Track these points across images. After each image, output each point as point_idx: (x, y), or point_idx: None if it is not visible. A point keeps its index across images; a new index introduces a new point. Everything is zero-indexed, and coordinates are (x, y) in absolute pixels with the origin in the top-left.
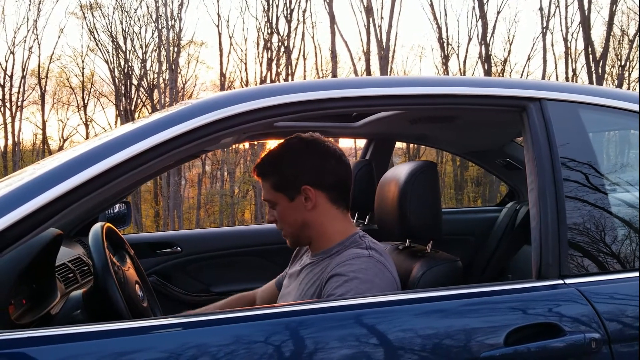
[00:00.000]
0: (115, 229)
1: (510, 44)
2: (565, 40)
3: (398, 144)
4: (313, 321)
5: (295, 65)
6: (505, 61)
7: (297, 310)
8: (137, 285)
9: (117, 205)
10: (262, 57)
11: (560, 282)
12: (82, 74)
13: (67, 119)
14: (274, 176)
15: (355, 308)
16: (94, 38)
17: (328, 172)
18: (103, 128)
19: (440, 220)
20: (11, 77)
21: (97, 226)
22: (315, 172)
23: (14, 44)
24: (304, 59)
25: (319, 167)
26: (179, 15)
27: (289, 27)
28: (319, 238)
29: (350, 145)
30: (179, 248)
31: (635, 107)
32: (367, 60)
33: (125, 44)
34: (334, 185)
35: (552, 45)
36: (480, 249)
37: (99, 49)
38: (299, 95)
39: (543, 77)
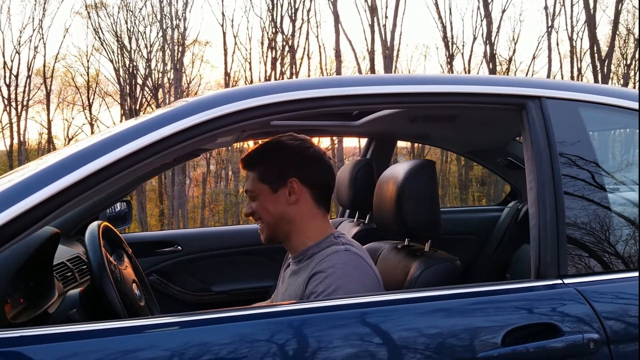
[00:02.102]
0: (112, 227)
1: (515, 43)
2: (571, 39)
3: (402, 143)
4: (315, 320)
5: (300, 65)
6: (510, 60)
7: (299, 309)
8: (134, 284)
9: (117, 205)
10: (267, 56)
11: (559, 281)
12: (87, 73)
13: (72, 118)
14: (262, 166)
15: (357, 307)
16: (99, 37)
17: (316, 170)
18: (108, 127)
19: (439, 219)
20: (17, 76)
21: (93, 225)
22: (303, 168)
23: (19, 44)
24: (309, 58)
25: (308, 164)
26: (184, 14)
27: (294, 26)
28: (296, 236)
29: (355, 145)
30: (179, 247)
31: (636, 105)
32: (372, 60)
33: (130, 43)
34: (319, 184)
35: (557, 44)
36: (482, 249)
37: (104, 48)
38: (296, 93)
39: (548, 77)
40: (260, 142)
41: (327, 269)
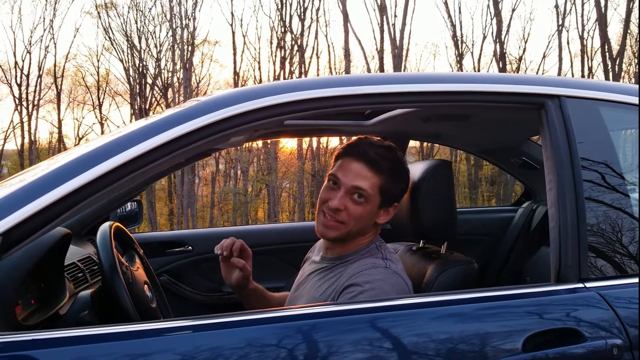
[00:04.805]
0: (124, 228)
1: (526, 42)
2: (582, 37)
3: (412, 143)
4: (326, 324)
5: (309, 64)
6: (520, 59)
7: (310, 314)
8: (145, 286)
9: (128, 204)
10: (276, 55)
11: (580, 285)
12: (97, 73)
13: (83, 118)
14: (389, 178)
15: (368, 312)
16: (109, 37)
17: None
18: (118, 127)
19: (455, 220)
20: (28, 76)
21: (105, 225)
22: (404, 195)
23: (30, 43)
24: (317, 57)
25: (406, 191)
26: (193, 14)
27: (302, 25)
28: (351, 244)
29: None
30: (190, 247)
31: None
32: (381, 59)
33: (139, 43)
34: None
35: (568, 43)
36: (496, 250)
37: (114, 48)
38: (309, 92)
39: (559, 76)
40: (387, 145)
41: (364, 284)
